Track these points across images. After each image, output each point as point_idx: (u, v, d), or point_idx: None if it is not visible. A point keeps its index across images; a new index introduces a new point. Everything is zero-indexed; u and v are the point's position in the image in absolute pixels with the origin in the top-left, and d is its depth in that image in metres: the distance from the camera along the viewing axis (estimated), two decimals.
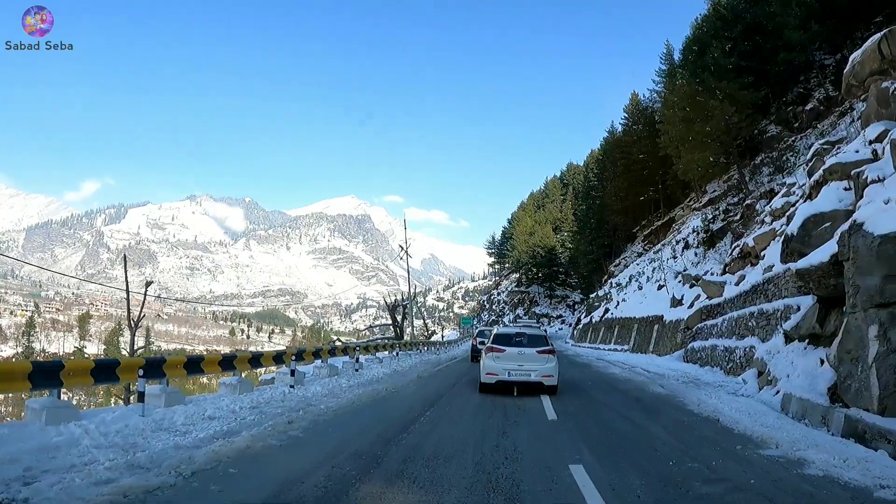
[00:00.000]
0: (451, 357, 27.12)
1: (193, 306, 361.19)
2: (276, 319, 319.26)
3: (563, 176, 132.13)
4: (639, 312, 33.86)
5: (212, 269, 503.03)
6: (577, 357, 29.70)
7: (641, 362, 23.08)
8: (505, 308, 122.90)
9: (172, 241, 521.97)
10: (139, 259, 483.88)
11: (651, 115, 68.36)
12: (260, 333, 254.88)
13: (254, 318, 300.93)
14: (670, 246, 46.29)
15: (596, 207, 75.06)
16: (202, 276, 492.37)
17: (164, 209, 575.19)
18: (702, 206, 51.88)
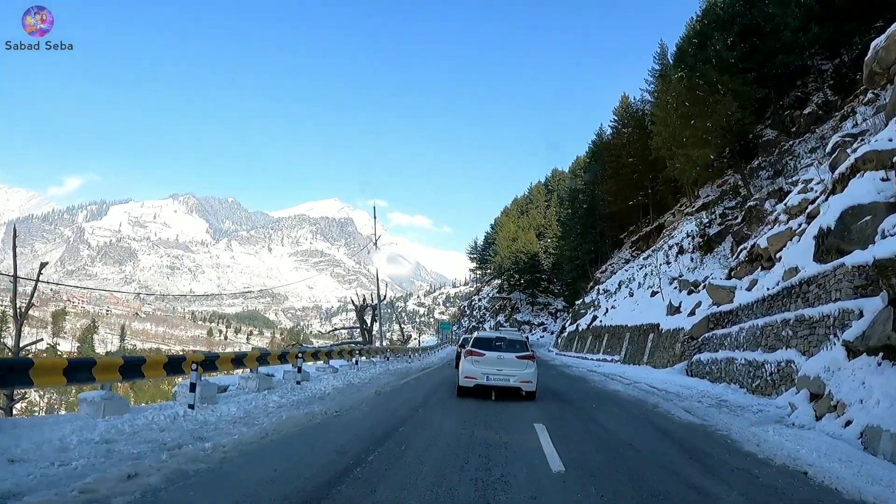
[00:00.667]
0: (425, 366, 24.02)
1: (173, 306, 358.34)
2: (256, 321, 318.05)
3: (548, 182, 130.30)
4: (631, 320, 31.12)
5: (192, 269, 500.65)
6: (568, 368, 26.77)
7: (641, 376, 20.23)
8: (486, 314, 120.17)
9: (154, 240, 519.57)
10: (120, 257, 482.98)
11: (642, 117, 66.25)
12: (238, 335, 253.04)
13: (233, 319, 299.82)
14: (662, 251, 43.74)
15: (583, 212, 72.47)
16: (183, 275, 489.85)
17: (146, 207, 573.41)
18: (695, 210, 49.66)
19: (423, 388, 13.54)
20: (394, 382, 14.56)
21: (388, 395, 11.54)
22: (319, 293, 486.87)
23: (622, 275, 48.52)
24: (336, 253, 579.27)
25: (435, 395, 11.93)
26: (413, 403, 10.29)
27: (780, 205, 23.75)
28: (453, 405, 10.25)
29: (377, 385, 13.16)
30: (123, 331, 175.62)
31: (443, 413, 9.31)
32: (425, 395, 11.81)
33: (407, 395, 11.98)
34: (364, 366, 18.32)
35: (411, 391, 12.98)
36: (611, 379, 19.32)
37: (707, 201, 49.30)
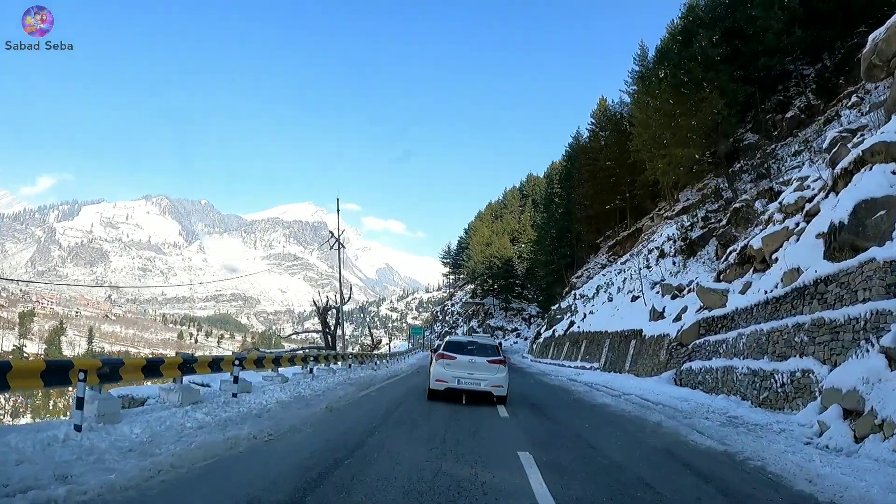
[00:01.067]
0: (392, 374, 21.94)
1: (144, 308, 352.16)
2: (228, 324, 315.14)
3: (523, 187, 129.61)
4: (611, 326, 29.61)
5: (164, 271, 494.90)
6: (546, 377, 25.08)
7: (627, 386, 18.63)
8: (459, 320, 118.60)
9: (126, 241, 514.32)
10: (91, 258, 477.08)
11: (620, 120, 65.38)
12: (209, 338, 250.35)
13: (205, 323, 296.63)
14: (642, 255, 42.48)
15: (559, 215, 71.16)
16: (155, 277, 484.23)
17: (118, 208, 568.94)
18: (675, 214, 48.62)
19: (386, 402, 11.59)
20: (352, 394, 12.55)
21: (341, 412, 9.59)
22: (292, 297, 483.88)
23: (599, 279, 47.16)
24: (309, 257, 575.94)
25: (398, 411, 10.05)
26: (370, 423, 8.39)
27: (774, 204, 22.47)
28: (419, 424, 8.46)
29: (331, 398, 11.12)
30: (91, 333, 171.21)
31: (405, 436, 7.48)
32: (386, 411, 9.90)
33: (364, 411, 10.06)
34: (322, 374, 16.27)
35: (370, 405, 11.03)
36: (596, 389, 17.66)
37: (688, 205, 48.39)
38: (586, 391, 17.06)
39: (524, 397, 14.56)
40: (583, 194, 65.17)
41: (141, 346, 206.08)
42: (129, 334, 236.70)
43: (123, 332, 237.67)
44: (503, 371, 12.40)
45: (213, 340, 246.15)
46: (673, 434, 8.41)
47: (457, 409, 10.38)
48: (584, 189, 64.92)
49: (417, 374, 22.81)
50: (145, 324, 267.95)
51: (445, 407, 10.39)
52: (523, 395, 15.07)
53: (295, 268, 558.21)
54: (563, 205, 69.87)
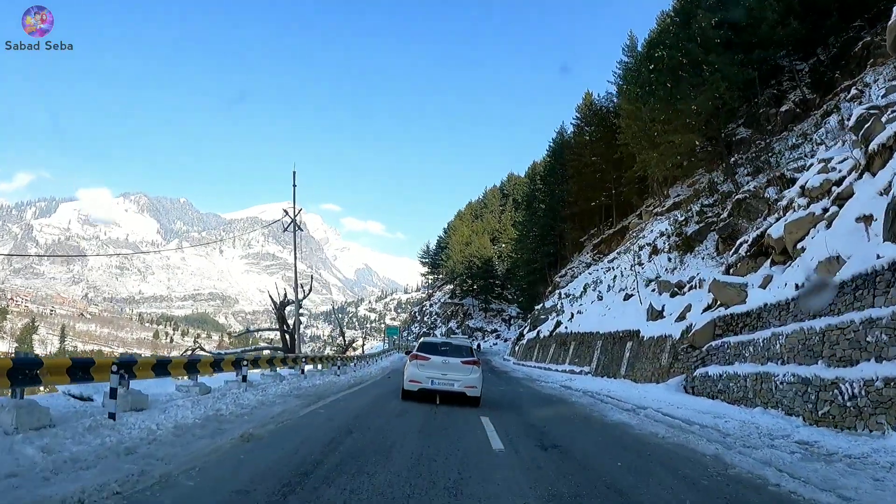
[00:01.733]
0: (356, 381, 18.68)
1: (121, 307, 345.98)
2: (206, 324, 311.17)
3: (504, 186, 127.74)
4: (603, 327, 27.01)
5: (142, 270, 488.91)
6: (535, 383, 22.45)
7: (634, 396, 15.97)
8: (437, 320, 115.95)
9: (103, 239, 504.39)
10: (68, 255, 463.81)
11: (606, 115, 63.42)
12: (186, 338, 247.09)
13: (182, 322, 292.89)
14: (632, 252, 40.06)
15: (542, 212, 68.67)
16: (132, 276, 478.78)
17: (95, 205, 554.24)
18: (666, 210, 46.48)
19: (336, 423, 8.34)
20: (293, 411, 9.25)
21: (263, 442, 6.37)
22: None
23: (586, 278, 44.67)
24: (288, 256, 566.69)
25: (347, 441, 6.92)
26: (297, 464, 5.46)
27: (792, 189, 19.96)
28: (372, 468, 5.49)
29: (260, 419, 7.83)
30: (64, 331, 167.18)
31: (344, 497, 4.61)
32: (331, 441, 6.66)
33: (297, 441, 6.65)
34: (264, 383, 13.40)
35: (310, 430, 7.68)
36: (601, 401, 14.95)
37: (679, 200, 46.48)
38: (590, 403, 14.33)
39: (518, 413, 11.83)
40: (567, 191, 62.82)
41: (115, 346, 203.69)
42: (105, 333, 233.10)
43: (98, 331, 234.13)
44: (477, 372, 12.53)
45: (190, 340, 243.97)
46: (753, 478, 5.63)
47: (430, 436, 7.58)
48: (569, 185, 62.60)
49: (388, 379, 19.98)
50: (121, 323, 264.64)
51: (415, 434, 7.57)
52: (516, 410, 12.38)
53: (273, 267, 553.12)
54: (547, 201, 67.42)
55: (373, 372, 24.73)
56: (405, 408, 11.14)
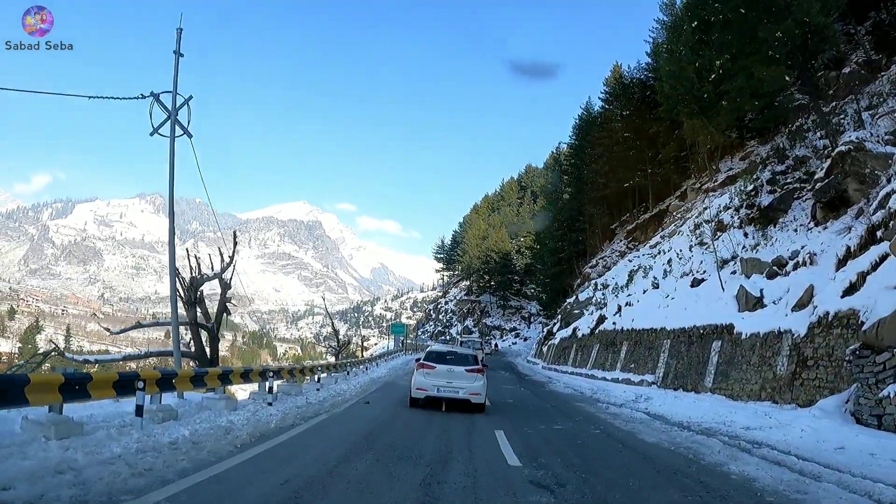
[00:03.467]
0: (290, 422, 10.06)
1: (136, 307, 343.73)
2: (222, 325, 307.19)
3: (521, 179, 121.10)
4: (670, 321, 20.04)
5: (158, 270, 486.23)
6: (590, 404, 15.35)
7: (776, 438, 9.16)
8: (453, 318, 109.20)
9: (119, 239, 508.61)
10: (84, 256, 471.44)
11: (639, 86, 56.44)
12: None
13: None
14: (684, 233, 33.12)
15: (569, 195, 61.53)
16: (148, 276, 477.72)
17: (112, 206, 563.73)
18: (718, 185, 39.57)
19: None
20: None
21: None
22: (286, 296, 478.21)
23: (626, 266, 37.60)
24: (304, 256, 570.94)
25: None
26: None
27: None
28: None
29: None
30: (69, 331, 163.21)
31: None
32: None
33: None
34: (144, 427, 6.89)
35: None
36: (741, 450, 8.15)
37: (733, 174, 39.70)
38: (724, 455, 7.74)
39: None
40: (596, 171, 55.64)
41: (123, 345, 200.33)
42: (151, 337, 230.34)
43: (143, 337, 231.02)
44: (481, 380, 12.81)
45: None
46: None
47: None
48: (598, 165, 55.44)
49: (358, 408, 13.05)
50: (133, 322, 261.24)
51: None
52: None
53: (289, 267, 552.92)
54: (574, 184, 60.24)
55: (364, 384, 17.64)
56: None
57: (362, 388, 17.37)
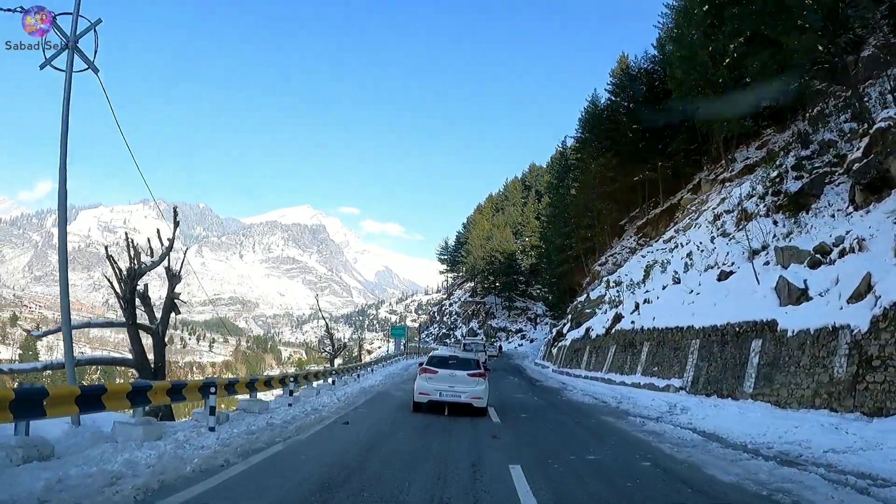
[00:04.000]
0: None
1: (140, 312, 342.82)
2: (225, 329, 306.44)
3: (525, 178, 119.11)
4: (698, 318, 17.85)
5: (162, 275, 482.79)
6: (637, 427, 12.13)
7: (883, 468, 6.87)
8: (458, 320, 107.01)
9: (123, 245, 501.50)
10: (88, 262, 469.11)
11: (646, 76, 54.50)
12: (201, 342, 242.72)
13: (202, 327, 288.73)
14: (702, 227, 30.95)
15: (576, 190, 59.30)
16: (153, 281, 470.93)
17: (115, 212, 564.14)
18: (736, 174, 37.48)
19: None
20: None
21: None
22: (291, 300, 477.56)
23: (638, 262, 35.39)
24: (308, 260, 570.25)
25: None
26: None
27: None
28: None
29: None
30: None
31: None
32: None
33: None
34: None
35: None
36: (856, 491, 5.96)
37: (751, 163, 37.75)
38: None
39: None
40: (604, 165, 53.41)
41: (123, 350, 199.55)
42: (118, 339, 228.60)
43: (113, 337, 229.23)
44: (483, 384, 12.93)
45: (204, 345, 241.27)
46: None
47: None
48: (606, 159, 53.22)
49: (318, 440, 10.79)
50: None
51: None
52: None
53: (294, 271, 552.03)
54: (581, 178, 58.03)
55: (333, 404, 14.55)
56: None
57: (347, 400, 15.19)
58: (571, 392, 19.77)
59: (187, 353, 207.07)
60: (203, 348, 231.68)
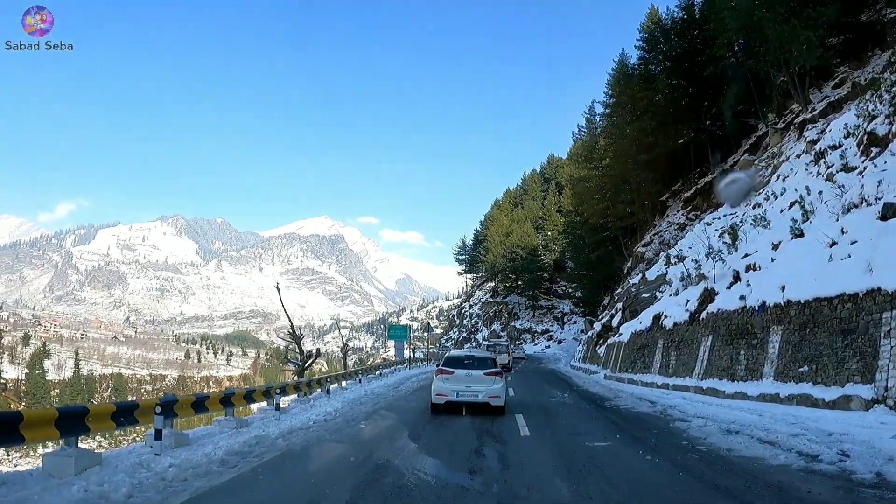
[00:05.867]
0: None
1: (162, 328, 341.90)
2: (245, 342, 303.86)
3: (544, 170, 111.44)
4: (891, 275, 9.84)
5: (183, 291, 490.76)
6: None
7: None
8: (478, 323, 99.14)
9: (143, 262, 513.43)
10: (108, 280, 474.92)
11: (684, 26, 46.69)
12: (219, 356, 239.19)
13: (222, 341, 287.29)
14: (798, 171, 22.90)
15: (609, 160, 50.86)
16: (173, 297, 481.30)
17: (134, 230, 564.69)
18: (817, 114, 29.58)
19: None
20: None
21: None
22: (312, 311, 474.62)
23: (701, 233, 27.16)
24: (327, 270, 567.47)
25: None
26: None
27: None
28: None
29: None
30: (77, 355, 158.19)
31: None
32: None
33: None
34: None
35: None
36: None
37: (835, 100, 29.69)
38: None
39: None
40: (640, 129, 45.23)
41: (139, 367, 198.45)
42: (135, 355, 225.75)
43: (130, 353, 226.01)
44: (500, 382, 12.81)
45: (222, 358, 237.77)
46: None
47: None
48: (643, 122, 45.06)
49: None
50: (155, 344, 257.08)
51: None
52: None
53: (314, 282, 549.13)
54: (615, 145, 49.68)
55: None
56: None
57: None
58: (692, 425, 10.79)
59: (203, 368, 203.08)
60: (220, 362, 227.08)
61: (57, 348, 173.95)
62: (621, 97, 48.34)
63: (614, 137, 49.25)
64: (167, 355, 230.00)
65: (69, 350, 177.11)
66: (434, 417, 12.16)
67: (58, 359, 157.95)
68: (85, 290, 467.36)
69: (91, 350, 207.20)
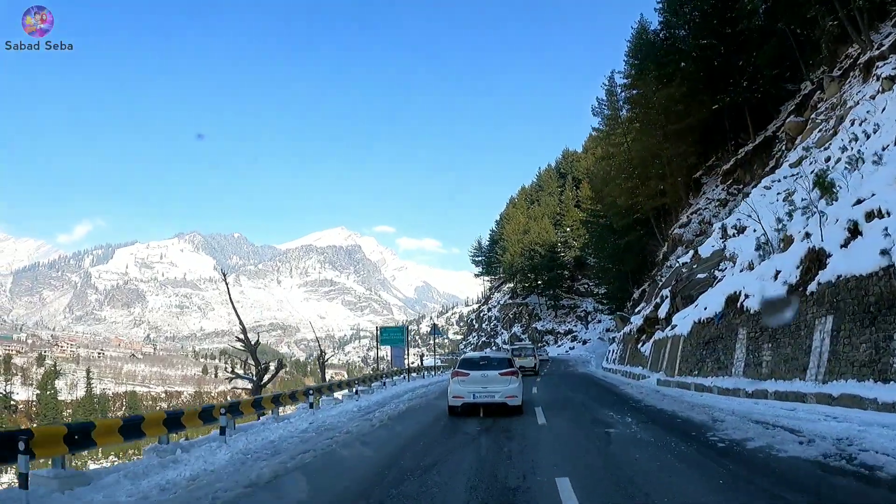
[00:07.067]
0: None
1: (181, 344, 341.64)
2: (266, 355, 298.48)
3: (559, 165, 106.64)
4: None
5: (202, 307, 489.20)
6: None
7: None
8: (498, 326, 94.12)
9: (161, 280, 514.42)
10: (127, 299, 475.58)
11: None
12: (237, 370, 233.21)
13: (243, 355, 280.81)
14: (887, 107, 17.64)
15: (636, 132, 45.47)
16: (192, 313, 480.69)
17: (151, 248, 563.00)
18: (885, 49, 24.22)
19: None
20: None
21: None
22: (332, 322, 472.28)
23: (761, 198, 22.04)
24: (346, 281, 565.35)
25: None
26: None
27: None
28: None
29: None
30: (88, 373, 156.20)
31: None
32: None
33: None
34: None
35: None
36: None
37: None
38: None
39: None
40: (668, 96, 39.99)
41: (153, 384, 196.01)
42: (152, 371, 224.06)
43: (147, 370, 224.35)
44: (515, 382, 12.70)
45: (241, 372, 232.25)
46: None
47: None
48: (672, 89, 39.83)
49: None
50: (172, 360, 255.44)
51: None
52: None
53: (332, 293, 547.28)
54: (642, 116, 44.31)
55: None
56: None
57: None
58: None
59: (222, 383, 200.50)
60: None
61: (72, 368, 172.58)
62: (645, 62, 43.18)
63: (640, 107, 43.93)
64: (185, 371, 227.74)
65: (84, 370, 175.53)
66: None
67: (71, 378, 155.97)
68: (105, 309, 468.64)
69: (107, 368, 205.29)
